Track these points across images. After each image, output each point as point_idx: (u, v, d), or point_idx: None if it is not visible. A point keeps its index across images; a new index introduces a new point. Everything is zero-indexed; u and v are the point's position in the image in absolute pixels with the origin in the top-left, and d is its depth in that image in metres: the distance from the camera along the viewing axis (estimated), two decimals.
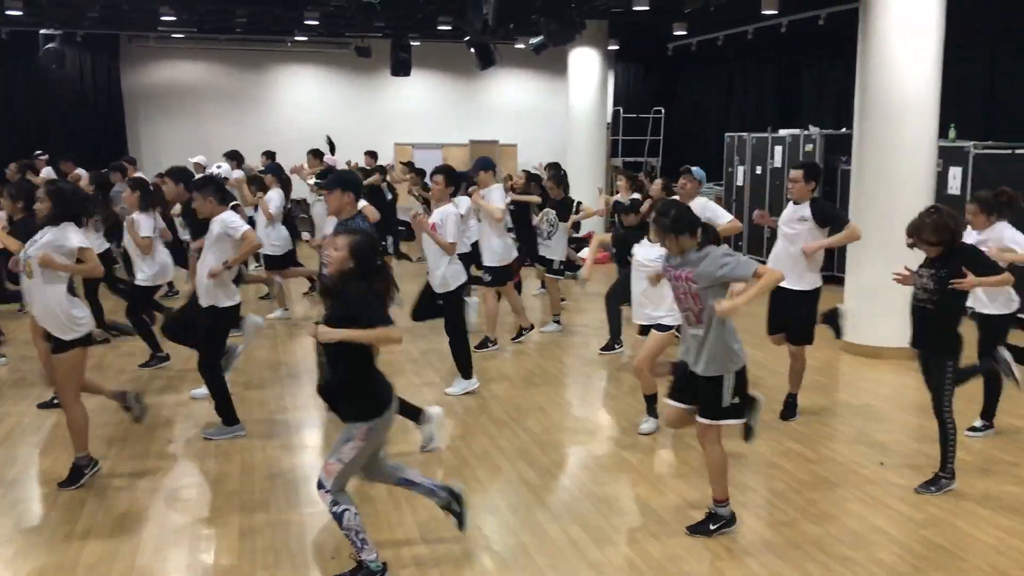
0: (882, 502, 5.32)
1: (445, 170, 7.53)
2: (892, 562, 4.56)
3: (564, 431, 6.69)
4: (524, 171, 12.86)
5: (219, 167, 12.10)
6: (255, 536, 4.84)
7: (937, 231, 5.23)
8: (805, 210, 6.68)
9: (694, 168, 8.06)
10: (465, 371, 7.48)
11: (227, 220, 6.37)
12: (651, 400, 6.52)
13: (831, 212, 6.85)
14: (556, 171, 10.75)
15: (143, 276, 8.18)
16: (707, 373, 4.72)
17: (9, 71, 17.74)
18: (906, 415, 6.99)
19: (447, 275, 7.29)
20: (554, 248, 9.92)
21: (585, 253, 9.42)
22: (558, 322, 9.98)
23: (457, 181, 7.73)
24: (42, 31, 15.00)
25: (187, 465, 5.93)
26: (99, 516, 5.08)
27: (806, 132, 13.87)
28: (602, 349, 8.89)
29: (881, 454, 6.08)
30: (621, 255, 8.05)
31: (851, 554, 4.64)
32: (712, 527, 4.86)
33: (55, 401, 6.66)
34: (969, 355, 5.72)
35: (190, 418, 6.87)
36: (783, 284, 6.18)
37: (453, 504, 4.65)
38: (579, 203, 10.22)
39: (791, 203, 6.84)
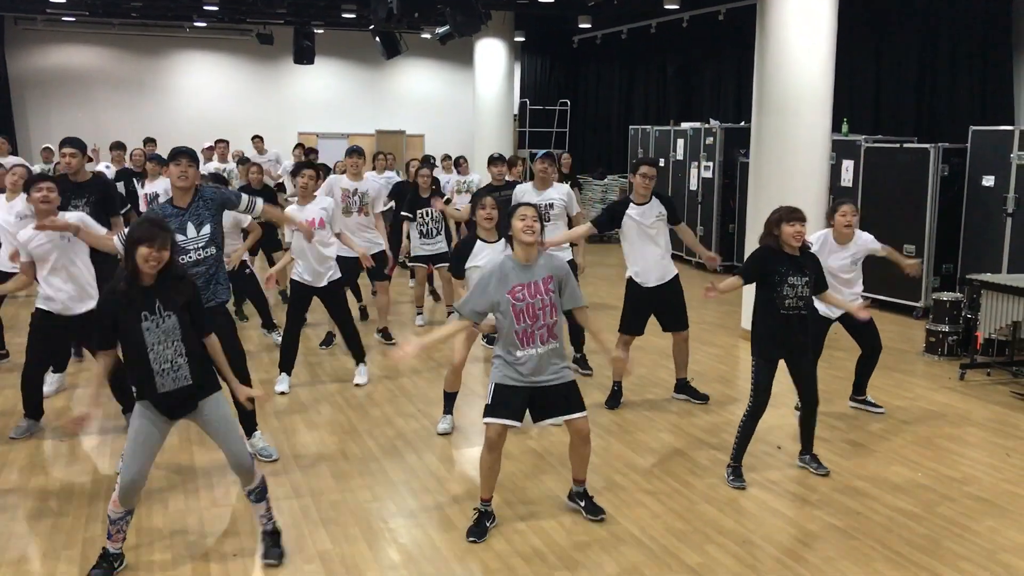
0: (777, 483, 5.49)
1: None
2: (787, 543, 4.71)
3: (472, 421, 6.70)
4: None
5: (107, 167, 11.47)
6: (153, 533, 4.70)
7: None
8: (659, 206, 6.89)
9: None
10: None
11: None
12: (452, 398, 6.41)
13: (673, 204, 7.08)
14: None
15: None
16: (567, 380, 4.70)
17: None
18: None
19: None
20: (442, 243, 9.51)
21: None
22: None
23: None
24: None
25: (83, 463, 5.72)
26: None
27: (707, 125, 14.18)
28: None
29: (778, 440, 6.27)
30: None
31: (751, 537, 4.77)
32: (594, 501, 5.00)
33: None
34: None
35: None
36: (653, 284, 6.71)
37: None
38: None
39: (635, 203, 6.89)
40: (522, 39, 19.45)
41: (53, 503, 5.11)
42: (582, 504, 5.02)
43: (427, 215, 9.32)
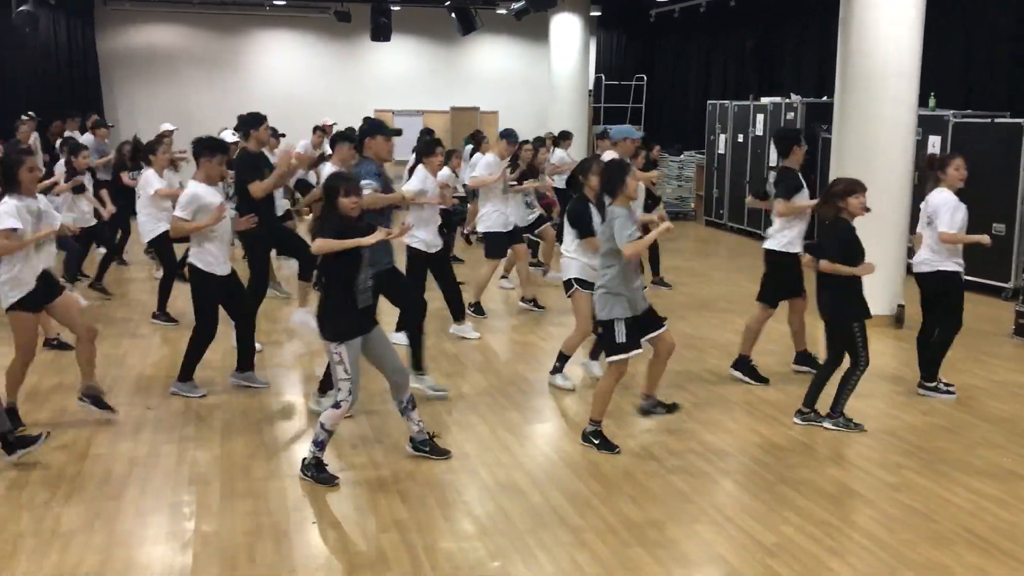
0: (855, 464, 5.39)
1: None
2: (867, 525, 4.63)
3: (542, 397, 6.72)
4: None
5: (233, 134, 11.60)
6: (235, 501, 4.85)
7: None
8: None
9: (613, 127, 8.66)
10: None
11: None
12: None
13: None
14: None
15: None
16: (648, 302, 5.74)
17: None
18: (881, 383, 7.04)
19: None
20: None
21: None
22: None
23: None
24: None
25: (167, 432, 5.92)
26: (78, 484, 5.07)
27: (788, 100, 13.86)
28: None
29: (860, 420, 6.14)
30: None
31: (829, 518, 4.70)
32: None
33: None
34: None
35: (168, 383, 6.84)
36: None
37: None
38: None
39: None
40: (598, 14, 19.23)
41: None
42: (663, 411, 6.05)
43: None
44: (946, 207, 6.37)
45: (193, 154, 6.50)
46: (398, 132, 6.65)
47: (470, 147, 12.43)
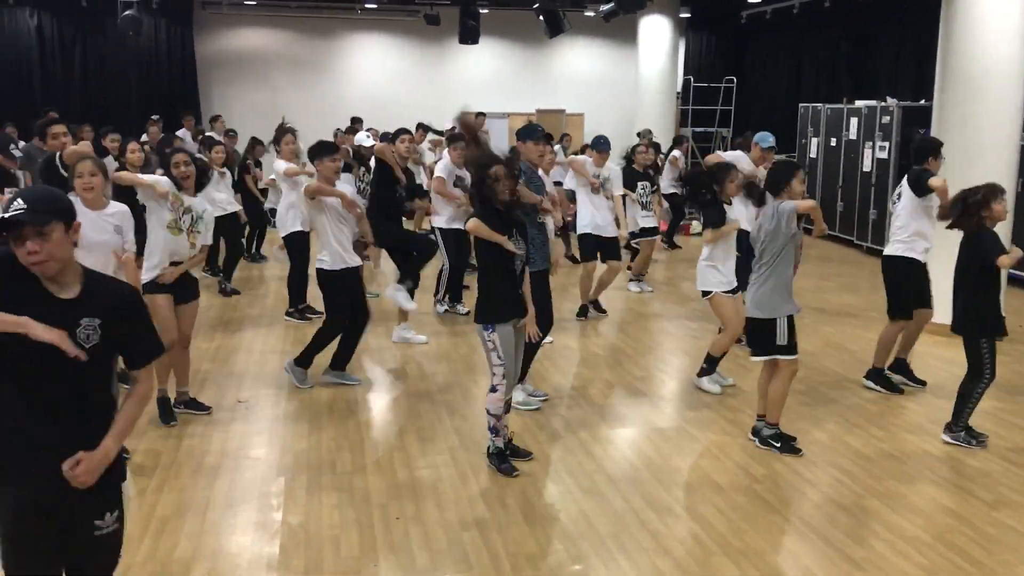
0: (951, 482, 5.21)
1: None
2: (963, 545, 4.46)
3: (627, 403, 6.68)
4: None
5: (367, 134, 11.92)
6: (321, 495, 4.95)
7: None
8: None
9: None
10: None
11: None
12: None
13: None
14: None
15: None
16: None
17: (89, 38, 18.17)
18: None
19: None
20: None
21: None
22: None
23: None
24: None
25: (257, 424, 6.07)
26: (172, 472, 5.24)
27: (883, 103, 13.48)
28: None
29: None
30: None
31: (919, 534, 4.55)
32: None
33: None
34: None
35: (260, 377, 7.03)
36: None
37: None
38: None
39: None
40: (687, 15, 19.03)
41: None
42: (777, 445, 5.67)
43: (645, 189, 10.04)
44: None
45: (309, 158, 6.76)
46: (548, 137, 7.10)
47: (558, 147, 12.48)
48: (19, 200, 2.72)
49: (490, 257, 5.07)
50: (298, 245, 8.90)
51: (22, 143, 11.52)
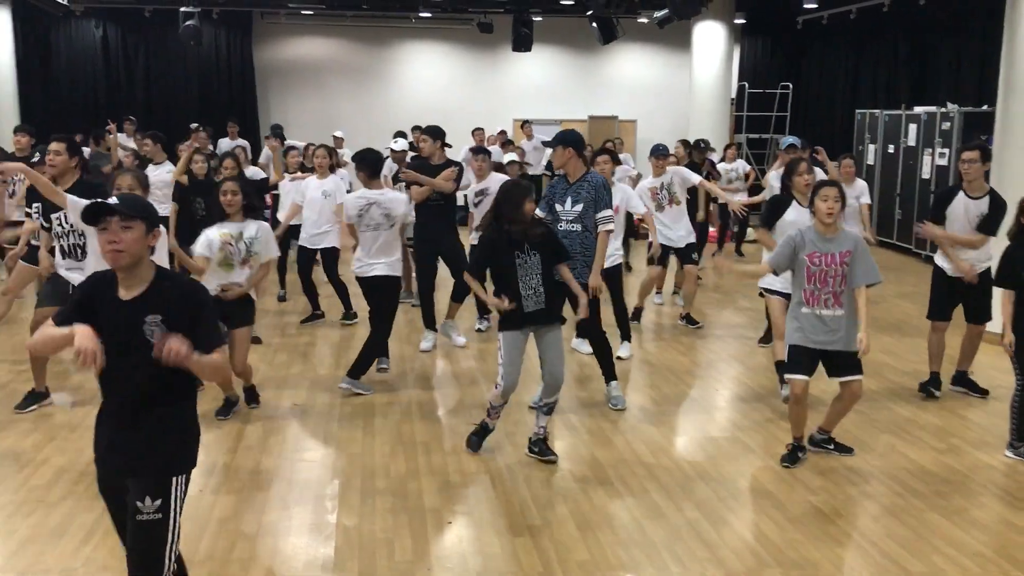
0: (1015, 496, 5.08)
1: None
2: None
3: (681, 411, 6.63)
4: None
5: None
6: (375, 498, 4.99)
7: None
8: (985, 204, 6.50)
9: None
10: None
11: None
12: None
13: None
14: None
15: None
16: (851, 348, 5.23)
17: (151, 48, 18.62)
18: None
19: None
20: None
21: None
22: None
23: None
24: (182, 9, 15.63)
25: (312, 428, 6.15)
26: (230, 474, 5.33)
27: (943, 109, 13.22)
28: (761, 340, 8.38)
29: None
30: None
31: (982, 549, 4.45)
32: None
33: None
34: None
35: (315, 381, 7.12)
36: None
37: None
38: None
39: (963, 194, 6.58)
40: (742, 21, 18.87)
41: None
42: (831, 447, 5.65)
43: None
44: None
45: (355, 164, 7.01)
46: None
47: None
48: (115, 198, 3.14)
49: (497, 285, 5.37)
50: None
51: (85, 149, 11.82)
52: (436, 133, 8.00)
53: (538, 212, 5.99)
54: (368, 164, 6.89)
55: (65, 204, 5.53)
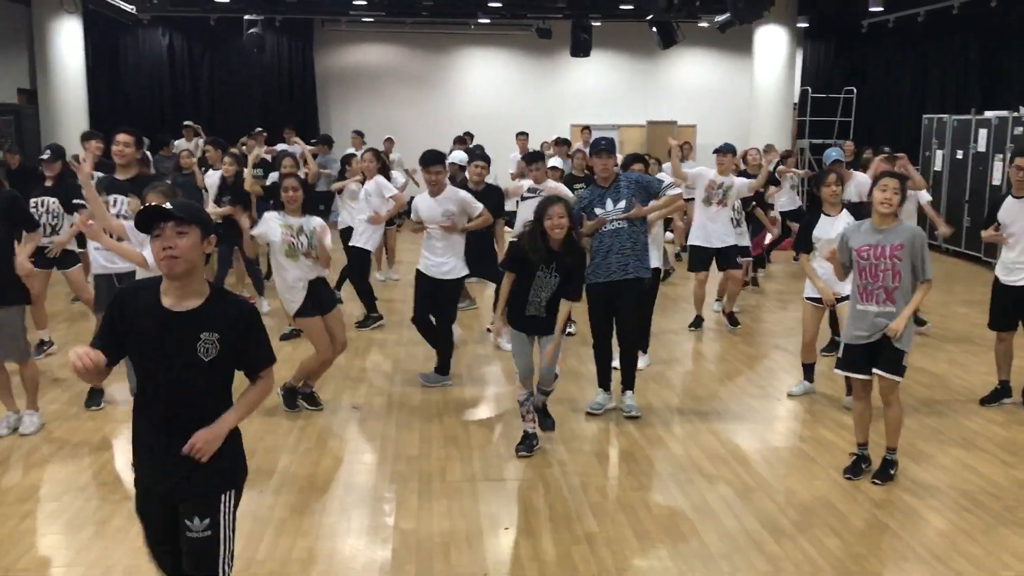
0: None
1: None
2: None
3: (741, 420, 6.54)
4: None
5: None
6: (432, 502, 5.01)
7: None
8: None
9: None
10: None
11: None
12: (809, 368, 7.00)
13: None
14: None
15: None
16: (902, 347, 5.07)
17: (215, 55, 19.02)
18: None
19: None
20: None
21: None
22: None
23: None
24: (246, 17, 15.94)
25: (370, 430, 6.20)
26: (290, 475, 5.39)
27: (1015, 114, 12.86)
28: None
29: None
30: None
31: None
32: (892, 472, 5.29)
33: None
34: None
35: (373, 385, 7.18)
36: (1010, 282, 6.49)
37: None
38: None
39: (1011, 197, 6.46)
40: (805, 25, 18.60)
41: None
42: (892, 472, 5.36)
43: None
44: None
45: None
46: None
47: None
48: (170, 204, 3.02)
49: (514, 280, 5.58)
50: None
51: (146, 152, 12.09)
52: (488, 160, 8.36)
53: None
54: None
55: (125, 234, 5.71)
